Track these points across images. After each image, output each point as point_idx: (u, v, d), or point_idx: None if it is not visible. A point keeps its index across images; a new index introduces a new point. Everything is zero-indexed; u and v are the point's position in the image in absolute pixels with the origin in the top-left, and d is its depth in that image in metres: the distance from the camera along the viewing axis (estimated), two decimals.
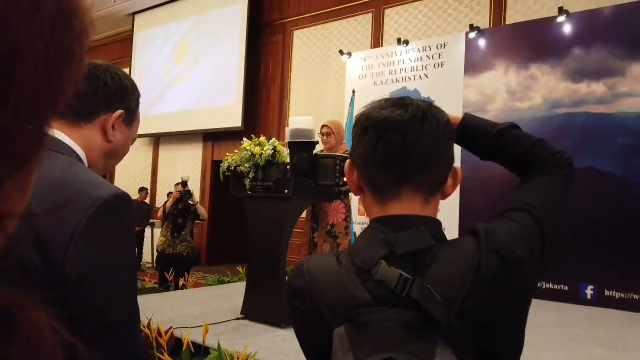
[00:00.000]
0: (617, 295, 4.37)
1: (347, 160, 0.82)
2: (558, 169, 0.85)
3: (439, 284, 0.67)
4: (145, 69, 9.99)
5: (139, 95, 0.96)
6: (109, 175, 10.86)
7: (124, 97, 0.89)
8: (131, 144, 0.96)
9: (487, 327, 0.68)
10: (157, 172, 10.02)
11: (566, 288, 4.62)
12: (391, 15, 6.84)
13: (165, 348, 2.72)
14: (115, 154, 0.91)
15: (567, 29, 4.87)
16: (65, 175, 0.72)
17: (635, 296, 4.29)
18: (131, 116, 0.92)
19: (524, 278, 0.71)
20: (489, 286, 0.68)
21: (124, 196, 0.74)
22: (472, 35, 5.48)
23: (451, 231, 4.82)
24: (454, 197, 5.18)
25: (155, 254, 6.92)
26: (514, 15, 5.76)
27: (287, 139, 1.33)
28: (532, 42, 5.07)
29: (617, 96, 4.56)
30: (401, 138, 0.73)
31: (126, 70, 10.30)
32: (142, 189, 9.09)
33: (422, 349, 0.63)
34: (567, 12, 4.86)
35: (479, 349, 0.67)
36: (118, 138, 0.88)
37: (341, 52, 6.69)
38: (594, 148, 4.58)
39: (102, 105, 0.86)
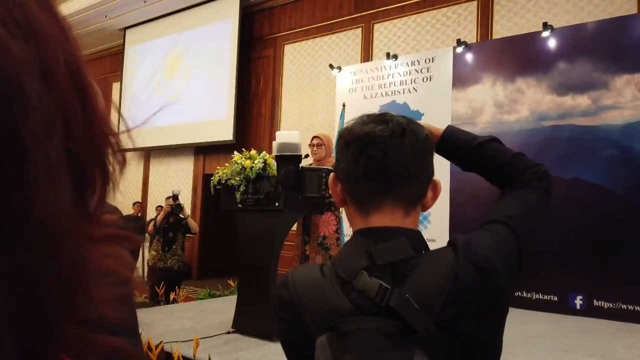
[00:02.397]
0: (606, 306, 4.41)
1: (331, 174, 0.84)
2: (535, 181, 0.87)
3: (418, 293, 0.69)
4: (137, 83, 10.01)
5: None
6: None
7: None
8: None
9: (465, 336, 0.70)
10: (148, 185, 9.99)
11: (556, 299, 4.65)
12: (380, 30, 6.94)
13: None
14: None
15: (552, 43, 4.97)
16: None
17: (624, 306, 4.33)
18: None
19: (500, 288, 0.73)
20: (466, 296, 0.70)
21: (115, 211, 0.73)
22: (459, 49, 5.58)
23: (441, 243, 4.84)
24: (444, 209, 5.23)
25: (146, 268, 6.87)
26: (501, 30, 5.86)
27: (273, 153, 1.36)
28: (518, 57, 5.17)
29: (602, 109, 4.65)
30: (382, 153, 0.76)
31: (117, 84, 10.40)
32: (136, 203, 9.06)
33: (400, 357, 0.65)
34: (551, 28, 4.97)
35: (456, 357, 0.69)
36: None
37: (331, 66, 6.77)
38: (580, 160, 4.65)
39: None
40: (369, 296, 0.69)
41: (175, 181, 9.29)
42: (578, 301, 4.54)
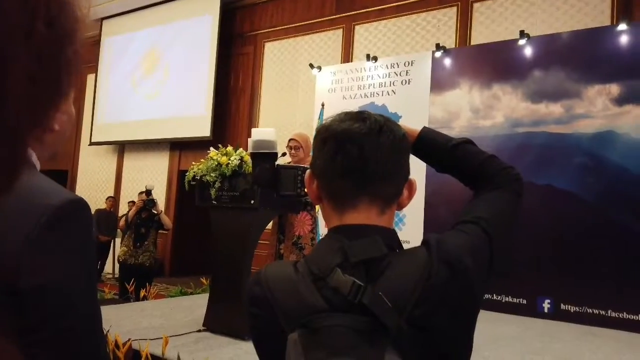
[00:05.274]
0: (572, 309, 4.52)
1: (308, 171, 0.83)
2: (507, 184, 0.89)
3: (391, 291, 0.69)
4: (112, 75, 9.81)
5: None
6: (70, 181, 10.55)
7: None
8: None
9: (436, 334, 0.70)
10: (122, 180, 9.80)
11: (525, 302, 4.75)
12: (361, 32, 6.97)
13: None
14: (65, 133, 0.79)
15: (528, 51, 5.08)
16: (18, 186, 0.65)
17: (590, 310, 4.45)
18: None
19: (471, 287, 0.74)
20: (438, 294, 0.70)
21: (78, 202, 0.69)
22: (438, 54, 5.64)
23: (415, 244, 4.88)
24: (419, 211, 5.28)
25: (117, 264, 6.74)
26: (479, 36, 5.96)
27: (249, 150, 1.34)
28: (495, 63, 5.26)
29: (574, 117, 4.77)
30: (359, 150, 0.75)
31: (92, 75, 10.17)
32: (109, 198, 8.89)
33: (372, 354, 0.65)
34: (528, 36, 5.07)
35: (427, 355, 0.69)
36: (61, 121, 0.76)
37: (311, 65, 6.76)
38: (552, 166, 4.76)
39: None
40: (342, 293, 0.68)
41: (150, 176, 9.14)
42: (546, 304, 4.64)
